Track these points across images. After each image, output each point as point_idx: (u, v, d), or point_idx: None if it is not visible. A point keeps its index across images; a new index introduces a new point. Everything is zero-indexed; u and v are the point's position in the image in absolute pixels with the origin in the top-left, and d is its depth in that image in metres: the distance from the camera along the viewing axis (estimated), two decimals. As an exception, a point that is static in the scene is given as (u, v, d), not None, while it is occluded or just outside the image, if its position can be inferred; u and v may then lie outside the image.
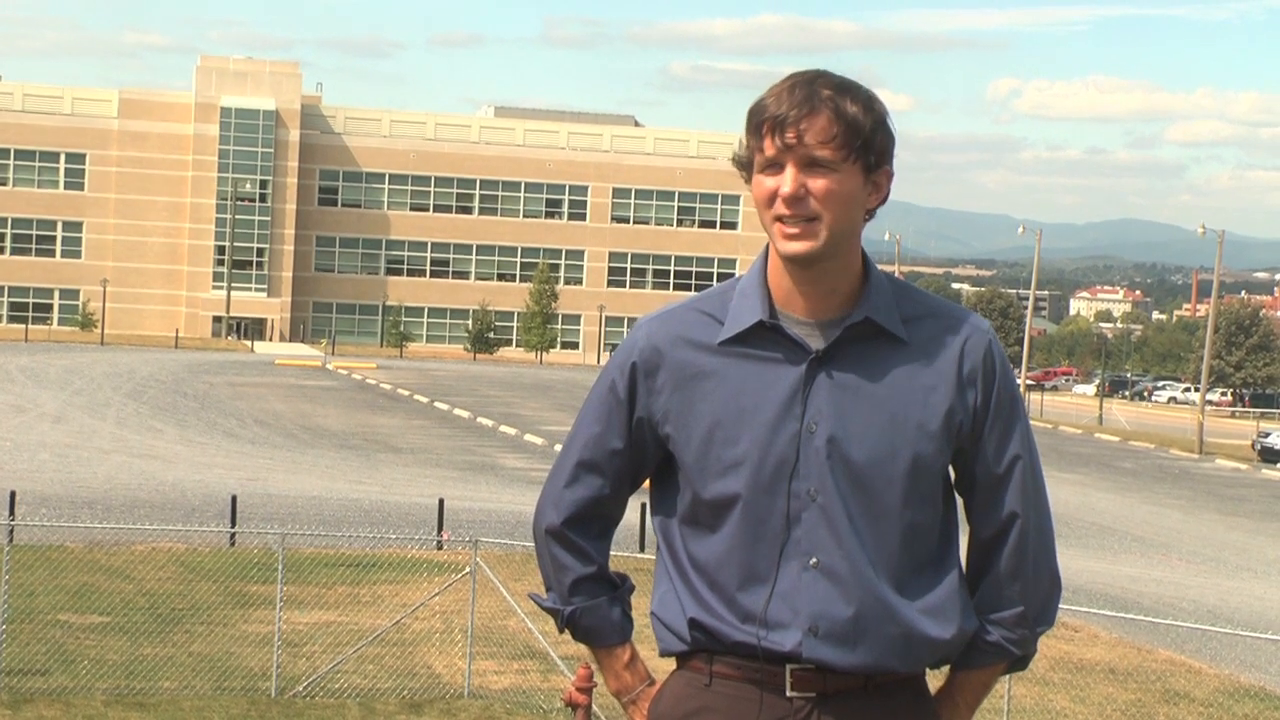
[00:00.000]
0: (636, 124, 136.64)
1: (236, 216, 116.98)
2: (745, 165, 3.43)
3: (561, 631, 3.69)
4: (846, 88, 3.35)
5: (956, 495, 3.55)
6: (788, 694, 3.41)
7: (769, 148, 3.33)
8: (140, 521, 26.25)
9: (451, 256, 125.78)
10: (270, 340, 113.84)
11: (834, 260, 3.38)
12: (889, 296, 3.45)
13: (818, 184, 3.32)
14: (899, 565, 3.40)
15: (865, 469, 3.38)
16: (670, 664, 3.61)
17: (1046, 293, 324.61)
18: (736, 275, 3.59)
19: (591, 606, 3.63)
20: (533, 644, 18.68)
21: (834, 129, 3.30)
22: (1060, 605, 3.67)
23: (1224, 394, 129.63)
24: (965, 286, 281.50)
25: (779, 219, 3.35)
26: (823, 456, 3.37)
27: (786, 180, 3.32)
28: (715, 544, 3.44)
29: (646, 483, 3.68)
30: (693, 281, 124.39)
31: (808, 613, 3.37)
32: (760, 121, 3.34)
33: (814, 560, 3.38)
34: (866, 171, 3.37)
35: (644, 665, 3.66)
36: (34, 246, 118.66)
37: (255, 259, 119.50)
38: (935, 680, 3.61)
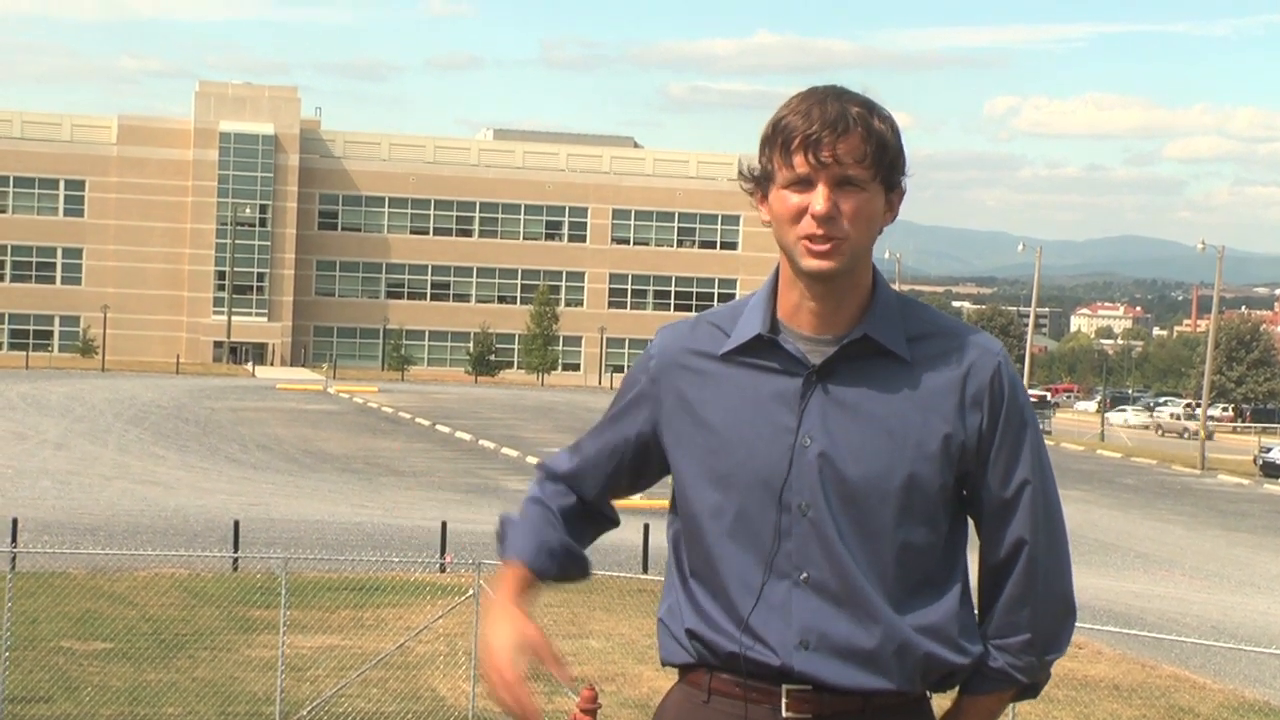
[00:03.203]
0: (636, 145, 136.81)
1: (236, 241, 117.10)
2: (759, 180, 3.40)
3: (498, 540, 3.64)
4: (872, 106, 3.34)
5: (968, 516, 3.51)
6: (784, 715, 3.38)
7: (800, 165, 3.29)
8: (143, 547, 26.25)
9: (452, 279, 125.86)
10: (271, 365, 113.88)
11: (847, 278, 3.37)
12: (895, 315, 3.42)
13: (848, 203, 3.30)
14: (893, 583, 3.36)
15: (858, 486, 3.35)
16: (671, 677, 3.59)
17: (1047, 310, 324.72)
18: (739, 292, 3.58)
19: (527, 519, 3.62)
20: (536, 666, 18.64)
21: (866, 148, 3.29)
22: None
23: (1225, 409, 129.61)
24: (966, 304, 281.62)
25: (806, 236, 3.32)
26: (815, 471, 3.35)
27: (819, 199, 3.29)
28: (709, 555, 3.43)
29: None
30: (693, 302, 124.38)
31: (799, 626, 3.35)
32: (790, 138, 3.30)
33: (804, 575, 3.35)
34: (887, 191, 3.37)
35: (528, 604, 3.54)
36: (34, 273, 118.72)
37: (255, 284, 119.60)
38: (941, 705, 3.56)
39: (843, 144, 3.28)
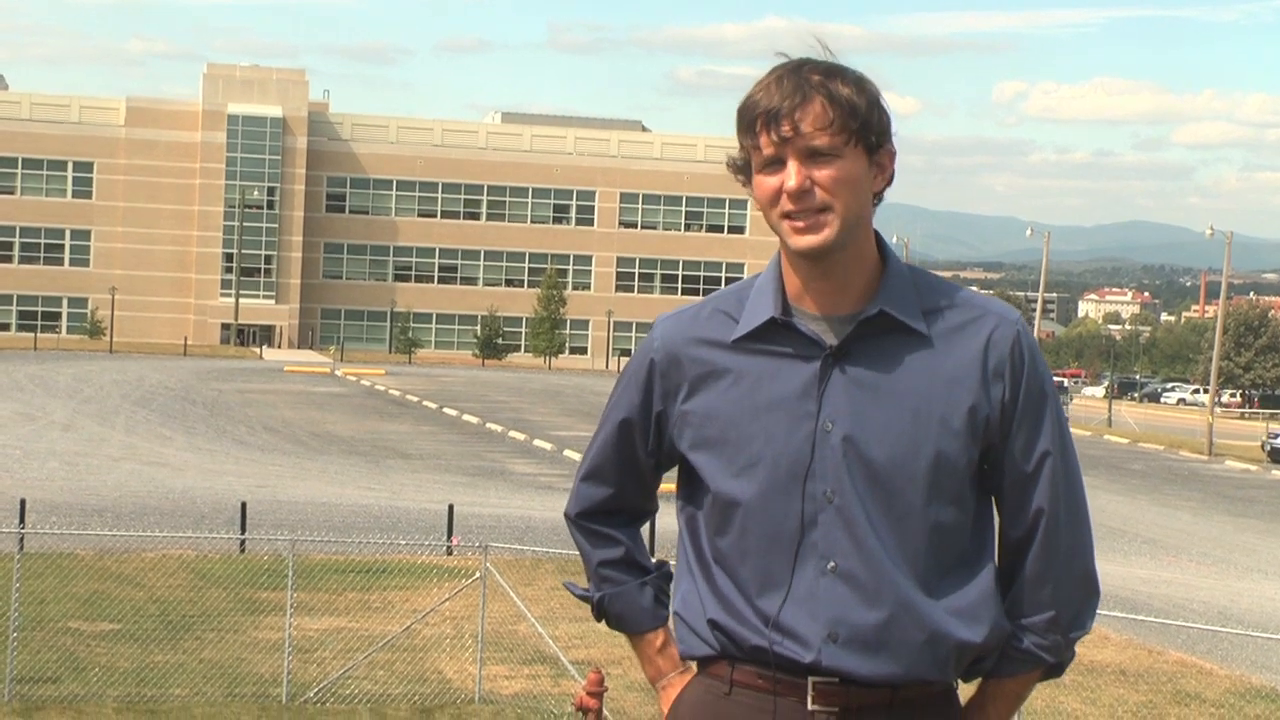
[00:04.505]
0: (643, 129, 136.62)
1: (244, 224, 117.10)
2: (743, 168, 3.32)
3: (598, 619, 3.65)
4: (835, 71, 3.24)
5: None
6: (809, 708, 3.30)
7: (766, 145, 3.22)
8: (150, 529, 26.27)
9: (459, 262, 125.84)
10: (279, 347, 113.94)
11: (846, 251, 3.27)
12: (909, 288, 3.33)
13: (822, 174, 3.20)
14: (925, 567, 3.27)
15: (885, 468, 3.26)
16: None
17: (1055, 295, 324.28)
18: (746, 276, 3.52)
19: (620, 593, 3.59)
20: (543, 649, 18.68)
21: (830, 114, 3.19)
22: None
23: (1233, 395, 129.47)
24: (974, 289, 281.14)
25: (786, 215, 3.24)
26: (839, 456, 3.26)
27: (790, 174, 3.20)
28: (732, 544, 3.34)
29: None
30: (700, 286, 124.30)
31: (826, 618, 3.26)
32: (753, 119, 3.23)
33: (831, 564, 3.26)
34: (869, 153, 3.25)
35: (676, 651, 3.56)
36: (42, 255, 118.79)
37: (263, 266, 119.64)
38: (967, 693, 3.50)
39: (802, 114, 3.19)
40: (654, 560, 3.66)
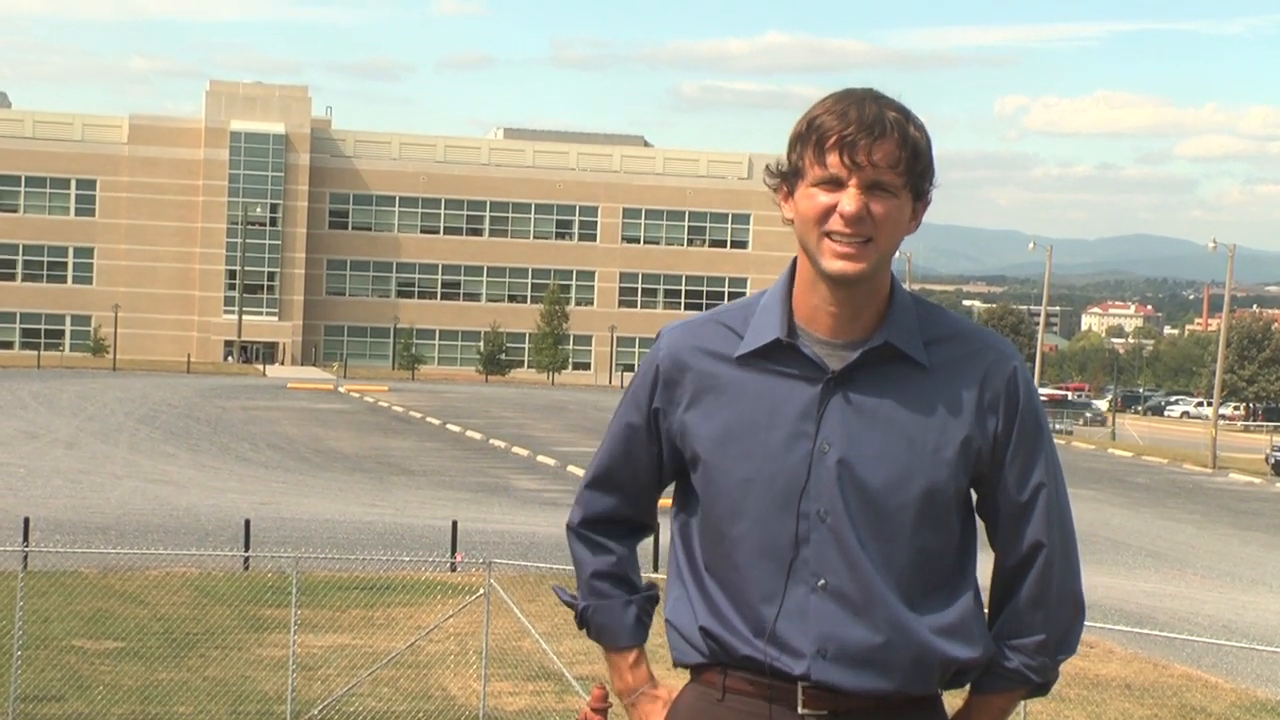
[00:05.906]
0: (646, 144, 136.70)
1: (247, 241, 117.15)
2: (787, 176, 3.38)
3: (580, 628, 3.74)
4: (908, 112, 3.32)
5: (977, 518, 3.52)
6: (799, 711, 3.38)
7: (834, 165, 3.27)
8: (154, 546, 26.27)
9: (462, 278, 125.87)
10: (282, 364, 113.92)
11: (869, 283, 3.36)
12: (913, 320, 3.41)
13: (878, 207, 3.28)
14: (910, 587, 3.36)
15: (878, 492, 3.34)
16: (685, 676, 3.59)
17: (1058, 309, 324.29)
18: (749, 291, 3.55)
19: (605, 605, 3.67)
20: (547, 665, 18.67)
21: (901, 154, 3.28)
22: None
23: (1236, 408, 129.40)
24: (976, 303, 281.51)
25: (831, 235, 3.30)
26: (833, 478, 3.34)
27: (849, 199, 3.27)
28: (725, 556, 3.42)
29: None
30: (703, 301, 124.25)
31: (816, 634, 3.35)
32: (825, 137, 3.28)
33: (822, 582, 3.35)
34: (915, 200, 3.36)
35: (648, 667, 3.68)
36: (45, 273, 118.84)
37: (266, 283, 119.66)
38: (954, 702, 3.57)
39: (878, 148, 3.27)
40: (645, 581, 3.73)
